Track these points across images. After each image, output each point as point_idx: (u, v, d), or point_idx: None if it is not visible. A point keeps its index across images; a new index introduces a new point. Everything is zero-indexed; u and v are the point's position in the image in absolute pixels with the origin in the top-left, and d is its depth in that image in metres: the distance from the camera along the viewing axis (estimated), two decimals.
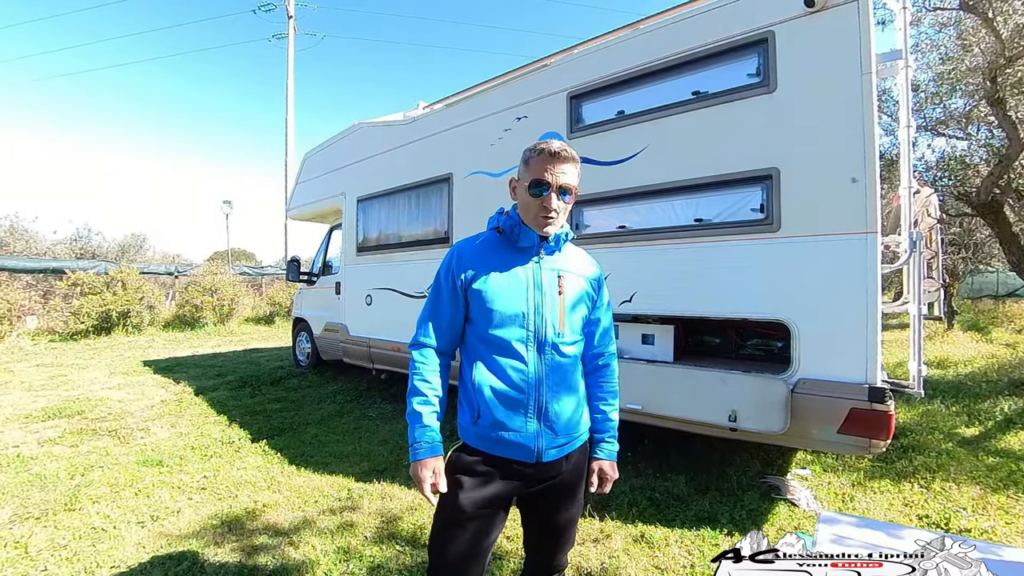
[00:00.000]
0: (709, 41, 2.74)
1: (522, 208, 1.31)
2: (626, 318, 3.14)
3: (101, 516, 2.69)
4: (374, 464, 3.44)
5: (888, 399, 2.22)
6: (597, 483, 1.40)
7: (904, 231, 2.54)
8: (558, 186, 1.25)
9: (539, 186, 1.25)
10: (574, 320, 1.33)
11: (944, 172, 6.83)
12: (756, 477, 3.07)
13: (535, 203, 1.27)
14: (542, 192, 1.25)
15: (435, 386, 1.31)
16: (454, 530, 1.24)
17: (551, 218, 1.27)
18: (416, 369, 1.32)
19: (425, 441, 1.25)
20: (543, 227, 1.28)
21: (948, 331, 8.55)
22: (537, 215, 1.27)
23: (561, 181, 1.25)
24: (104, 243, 18.84)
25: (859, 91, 2.29)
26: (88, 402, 5.11)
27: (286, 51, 16.71)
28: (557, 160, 1.25)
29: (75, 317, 10.20)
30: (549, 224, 1.28)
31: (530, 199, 1.27)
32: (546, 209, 1.25)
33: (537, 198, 1.26)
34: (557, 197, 1.26)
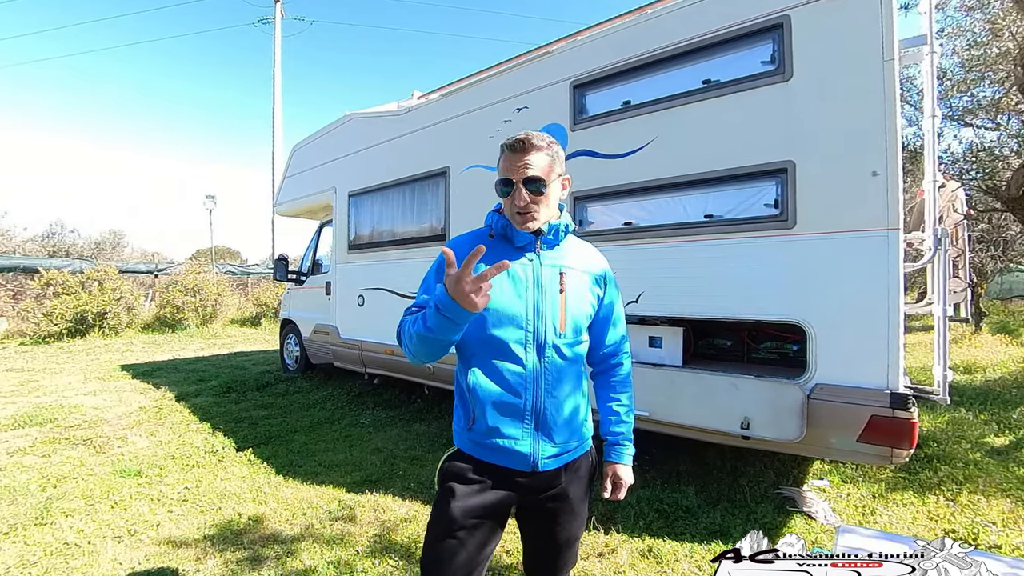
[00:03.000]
0: (720, 26, 2.75)
1: (504, 208, 1.32)
2: (633, 320, 3.15)
3: (75, 531, 2.70)
4: (367, 474, 3.44)
5: (911, 406, 2.23)
6: (611, 489, 1.40)
7: (928, 227, 2.54)
8: (523, 179, 1.25)
9: (505, 184, 1.27)
10: (577, 320, 1.33)
11: (971, 164, 6.84)
12: (770, 488, 3.07)
13: (507, 202, 1.28)
14: (508, 190, 1.26)
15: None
16: (447, 541, 1.24)
17: (527, 214, 1.27)
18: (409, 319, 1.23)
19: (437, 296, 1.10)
20: (523, 224, 1.28)
21: (975, 334, 8.55)
22: (513, 214, 1.28)
23: (528, 173, 1.24)
24: (79, 240, 18.96)
25: (880, 79, 2.29)
26: (61, 409, 5.12)
27: (273, 36, 16.74)
28: (519, 152, 1.25)
29: (48, 319, 10.22)
30: (528, 220, 1.27)
31: (504, 199, 1.29)
32: (517, 207, 1.26)
33: (507, 197, 1.27)
34: (526, 192, 1.25)
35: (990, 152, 6.74)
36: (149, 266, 14.80)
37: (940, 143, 6.29)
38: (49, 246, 17.71)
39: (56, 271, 10.83)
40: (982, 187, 6.73)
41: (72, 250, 18.11)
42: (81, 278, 10.91)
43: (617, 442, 1.42)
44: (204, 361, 8.20)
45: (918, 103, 6.21)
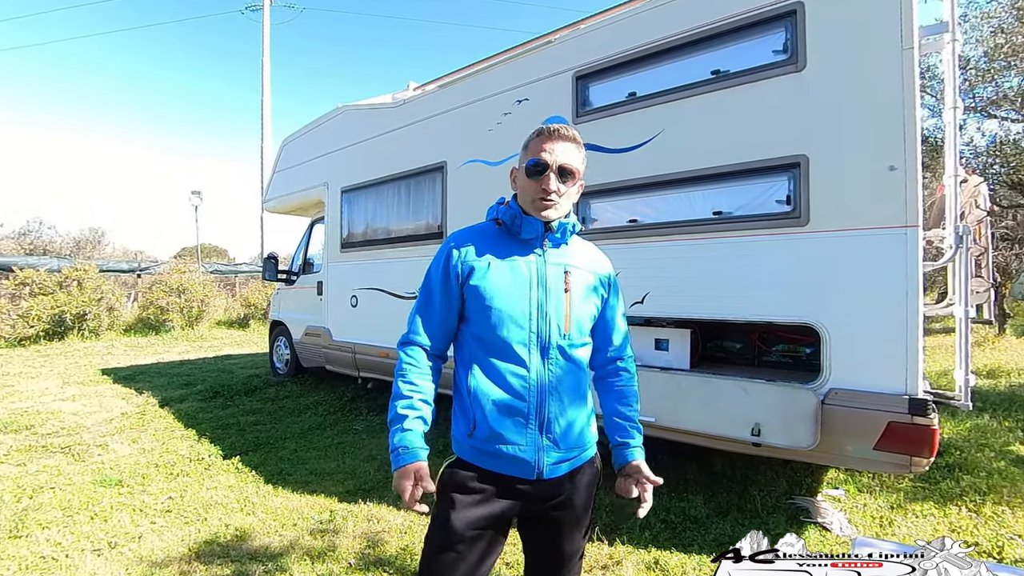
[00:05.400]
0: (730, 14, 2.75)
1: (521, 194, 1.33)
2: (638, 321, 3.15)
3: (52, 544, 2.70)
4: (360, 482, 3.45)
5: (931, 412, 2.23)
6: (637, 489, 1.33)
7: (949, 224, 2.54)
8: (558, 166, 1.26)
9: (536, 166, 1.26)
10: (582, 320, 1.34)
11: (995, 158, 6.84)
12: (783, 498, 3.08)
13: (533, 185, 1.28)
14: (540, 172, 1.26)
15: (422, 390, 1.31)
16: (446, 555, 1.24)
17: (550, 201, 1.27)
18: (402, 371, 1.32)
19: (405, 446, 1.24)
20: (542, 210, 1.28)
21: (999, 336, 8.55)
22: (535, 198, 1.28)
23: (561, 160, 1.26)
24: (57, 237, 19.00)
25: (899, 68, 2.30)
26: (38, 415, 5.13)
27: (261, 24, 16.76)
28: (556, 138, 1.27)
29: (24, 320, 10.22)
30: (548, 207, 1.28)
31: (528, 182, 1.29)
32: (544, 191, 1.26)
33: (535, 180, 1.27)
34: (557, 178, 1.27)
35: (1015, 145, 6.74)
36: (131, 265, 14.83)
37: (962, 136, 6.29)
38: (25, 244, 17.77)
39: (32, 270, 10.84)
40: (1006, 182, 6.74)
41: (50, 248, 18.16)
42: (59, 277, 10.92)
43: (629, 444, 1.41)
44: (189, 365, 8.21)
45: (939, 94, 6.21)
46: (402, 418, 1.27)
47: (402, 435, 1.25)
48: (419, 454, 1.25)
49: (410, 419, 1.27)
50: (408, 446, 1.24)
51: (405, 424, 1.26)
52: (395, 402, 1.29)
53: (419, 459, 1.25)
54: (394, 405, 1.29)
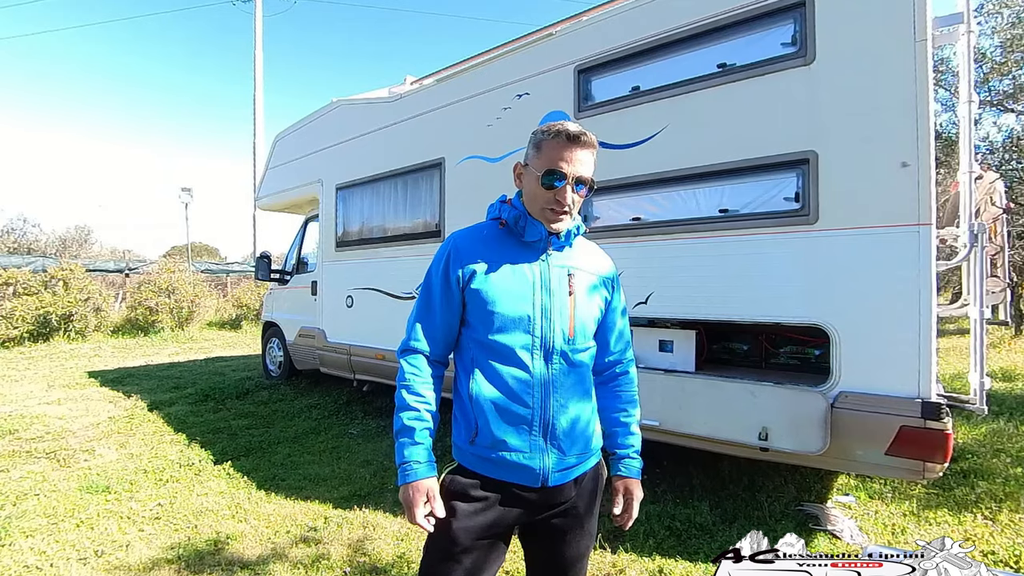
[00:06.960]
0: (737, 5, 2.75)
1: (529, 198, 1.31)
2: (641, 322, 3.16)
3: (36, 552, 2.70)
4: (355, 488, 3.46)
5: (945, 416, 2.23)
6: (623, 506, 1.38)
7: (964, 222, 2.55)
8: (575, 177, 1.24)
9: (553, 176, 1.24)
10: (586, 324, 1.34)
11: (1012, 154, 6.84)
12: (791, 504, 3.08)
13: (546, 195, 1.26)
14: (555, 183, 1.24)
15: (428, 400, 1.31)
16: (448, 564, 1.25)
17: (565, 213, 1.27)
18: (405, 380, 1.32)
19: (417, 460, 1.25)
20: (553, 222, 1.28)
21: (1015, 337, 8.54)
22: (546, 208, 1.27)
23: (580, 171, 1.25)
24: (42, 236, 18.99)
25: (911, 61, 2.30)
26: (22, 420, 5.13)
27: (253, 16, 16.76)
28: (576, 146, 1.24)
29: (7, 321, 10.23)
30: (560, 220, 1.28)
31: (540, 190, 1.26)
32: (559, 203, 1.25)
33: (549, 190, 1.25)
34: (573, 190, 1.25)
35: None
36: (119, 264, 14.84)
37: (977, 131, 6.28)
38: (9, 243, 17.77)
39: (16, 270, 10.86)
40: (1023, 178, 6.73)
41: (35, 247, 18.15)
42: (44, 277, 10.95)
43: (627, 455, 1.42)
44: (179, 367, 8.21)
45: (953, 87, 6.22)
46: (410, 431, 1.27)
47: (411, 449, 1.26)
48: (432, 469, 1.26)
49: (418, 432, 1.27)
50: (419, 460, 1.25)
51: (415, 437, 1.27)
52: (400, 413, 1.29)
53: (432, 475, 1.26)
54: (400, 417, 1.29)
